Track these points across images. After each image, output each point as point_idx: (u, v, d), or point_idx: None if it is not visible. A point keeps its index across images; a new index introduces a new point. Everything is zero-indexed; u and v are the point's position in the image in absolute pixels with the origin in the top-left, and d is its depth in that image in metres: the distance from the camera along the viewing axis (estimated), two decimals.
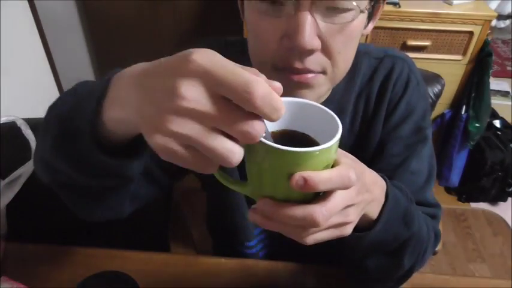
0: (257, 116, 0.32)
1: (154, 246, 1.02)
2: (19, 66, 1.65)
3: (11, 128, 0.91)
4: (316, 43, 0.50)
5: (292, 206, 0.37)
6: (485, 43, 1.74)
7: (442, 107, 1.97)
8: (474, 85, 1.83)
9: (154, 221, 1.02)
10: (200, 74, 0.31)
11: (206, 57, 0.31)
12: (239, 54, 0.66)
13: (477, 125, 1.86)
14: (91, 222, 1.01)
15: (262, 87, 0.30)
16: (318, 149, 0.36)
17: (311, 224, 0.37)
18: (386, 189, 0.51)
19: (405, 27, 1.73)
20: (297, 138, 0.41)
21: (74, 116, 0.44)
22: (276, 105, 0.31)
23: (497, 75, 2.15)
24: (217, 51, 0.33)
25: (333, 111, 0.40)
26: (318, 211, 0.37)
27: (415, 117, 0.69)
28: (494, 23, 2.00)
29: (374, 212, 0.50)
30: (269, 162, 0.36)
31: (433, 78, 1.03)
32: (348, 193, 0.40)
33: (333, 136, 0.37)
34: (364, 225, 0.50)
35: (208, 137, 0.32)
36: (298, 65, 0.52)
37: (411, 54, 0.77)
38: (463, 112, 1.89)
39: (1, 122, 0.91)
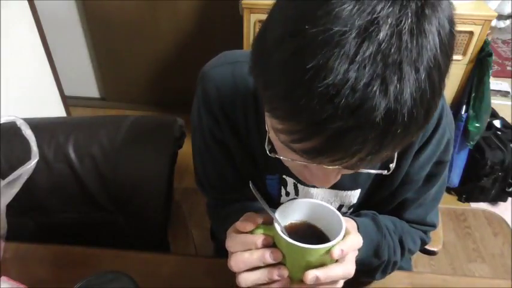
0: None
1: (154, 246, 1.03)
2: (19, 66, 1.65)
3: (11, 128, 0.91)
4: (338, 178, 0.51)
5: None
6: (485, 43, 1.74)
7: None
8: (474, 85, 1.83)
9: (154, 221, 1.02)
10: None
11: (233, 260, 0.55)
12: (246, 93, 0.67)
13: (477, 125, 1.86)
14: (91, 222, 1.01)
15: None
16: (323, 246, 0.50)
17: None
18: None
19: None
20: (310, 229, 0.57)
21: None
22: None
23: (497, 75, 2.15)
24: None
25: None
26: None
27: (439, 152, 0.69)
28: (494, 23, 2.00)
29: None
30: (289, 252, 0.52)
31: None
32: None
33: (339, 231, 0.52)
34: None
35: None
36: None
37: None
38: (463, 112, 1.89)
39: (1, 122, 0.90)
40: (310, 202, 0.58)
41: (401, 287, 0.76)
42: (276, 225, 0.53)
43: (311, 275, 0.50)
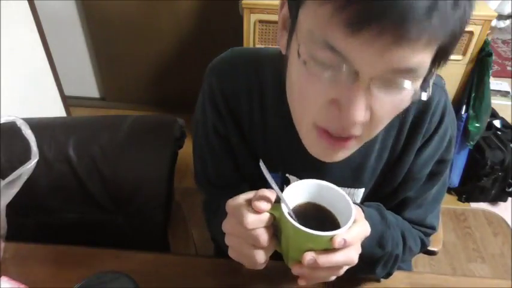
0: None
1: (154, 246, 1.03)
2: (19, 66, 1.65)
3: (11, 128, 0.91)
4: (365, 116, 0.47)
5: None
6: (485, 43, 1.74)
7: None
8: (474, 85, 1.83)
9: (154, 221, 1.02)
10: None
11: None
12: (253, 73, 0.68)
13: (477, 125, 1.86)
14: (91, 222, 1.01)
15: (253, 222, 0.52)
16: (330, 234, 0.49)
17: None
18: None
19: None
20: (318, 211, 0.55)
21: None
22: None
23: (497, 75, 2.15)
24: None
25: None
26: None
27: (442, 150, 0.68)
28: (494, 23, 2.00)
29: None
30: (293, 236, 0.51)
31: None
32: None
33: (347, 217, 0.50)
34: None
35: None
36: (340, 132, 0.50)
37: None
38: (463, 112, 1.89)
39: (1, 122, 0.90)
40: (320, 184, 0.55)
41: (401, 287, 0.76)
42: (282, 205, 0.51)
43: (309, 256, 0.50)
